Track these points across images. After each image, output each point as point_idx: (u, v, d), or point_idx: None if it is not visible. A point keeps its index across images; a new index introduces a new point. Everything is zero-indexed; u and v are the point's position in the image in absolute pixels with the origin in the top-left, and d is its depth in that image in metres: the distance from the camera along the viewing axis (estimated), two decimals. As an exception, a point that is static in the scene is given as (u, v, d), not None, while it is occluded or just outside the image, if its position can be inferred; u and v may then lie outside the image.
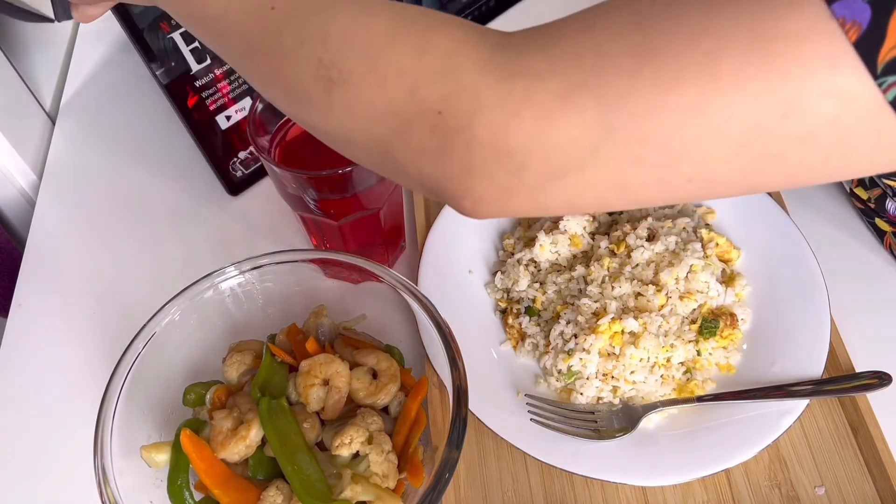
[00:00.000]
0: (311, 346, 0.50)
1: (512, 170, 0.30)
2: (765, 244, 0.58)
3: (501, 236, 0.62)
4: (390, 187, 0.54)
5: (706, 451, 0.48)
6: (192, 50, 0.60)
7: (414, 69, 0.31)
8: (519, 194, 0.31)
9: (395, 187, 0.55)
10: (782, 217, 0.58)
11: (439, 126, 0.30)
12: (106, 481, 0.42)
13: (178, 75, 0.61)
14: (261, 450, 0.46)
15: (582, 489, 0.50)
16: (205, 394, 0.49)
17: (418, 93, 0.31)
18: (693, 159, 0.28)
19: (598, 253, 0.57)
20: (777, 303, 0.55)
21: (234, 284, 0.51)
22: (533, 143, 0.29)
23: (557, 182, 0.30)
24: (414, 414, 0.48)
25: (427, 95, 0.30)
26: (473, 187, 0.31)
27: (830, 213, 0.63)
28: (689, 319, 0.54)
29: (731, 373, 0.53)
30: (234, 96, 0.65)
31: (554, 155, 0.29)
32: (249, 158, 0.67)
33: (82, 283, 0.64)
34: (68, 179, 0.73)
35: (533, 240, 0.58)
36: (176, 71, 0.60)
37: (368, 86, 0.32)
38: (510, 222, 0.63)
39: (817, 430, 0.51)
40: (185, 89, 0.62)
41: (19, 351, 0.61)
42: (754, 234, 0.58)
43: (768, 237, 0.58)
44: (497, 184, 0.31)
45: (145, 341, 0.47)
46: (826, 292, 0.54)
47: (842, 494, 0.49)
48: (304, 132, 0.54)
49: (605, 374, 0.51)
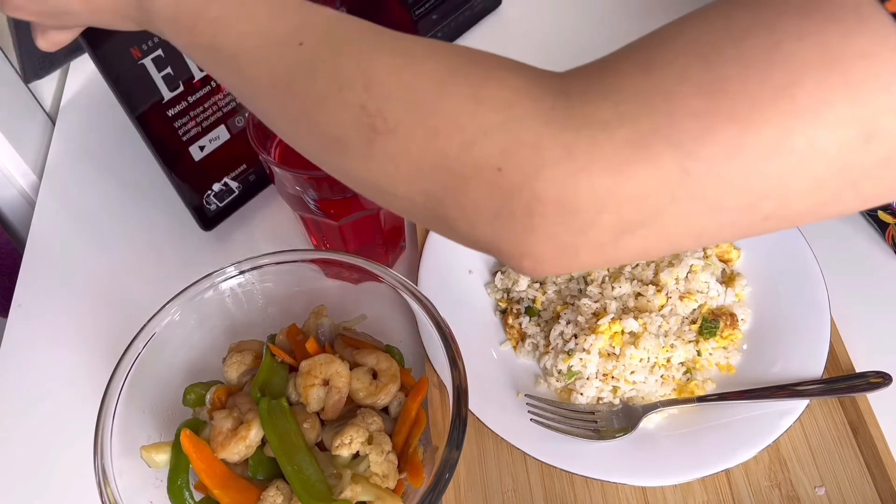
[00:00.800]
0: (311, 346, 0.50)
1: (579, 227, 0.28)
2: (765, 244, 0.58)
3: (501, 236, 0.62)
4: (390, 187, 0.54)
5: (706, 451, 0.48)
6: (165, 77, 0.56)
7: (470, 122, 0.29)
8: (586, 251, 0.29)
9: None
10: (782, 217, 0.58)
11: (498, 184, 0.28)
12: (106, 481, 0.42)
13: (149, 105, 0.56)
14: (261, 450, 0.46)
15: (582, 489, 0.50)
16: (205, 394, 0.49)
17: (475, 148, 0.28)
18: (773, 198, 0.27)
19: (598, 253, 0.57)
20: (777, 303, 0.55)
21: (234, 284, 0.51)
22: (604, 198, 0.27)
23: (629, 235, 0.28)
24: (414, 414, 0.48)
25: (485, 151, 0.28)
26: (534, 247, 0.29)
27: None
28: (689, 319, 0.54)
29: (731, 373, 0.53)
30: (207, 125, 0.61)
31: (627, 208, 0.27)
32: (224, 190, 0.64)
33: (82, 283, 0.64)
34: (68, 179, 0.73)
35: (533, 240, 0.58)
36: (147, 100, 0.56)
37: (418, 138, 0.29)
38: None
39: (817, 430, 0.51)
40: (156, 119, 0.57)
41: (19, 351, 0.61)
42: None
43: (768, 237, 0.58)
44: (561, 242, 0.29)
45: (145, 341, 0.47)
46: (826, 292, 0.54)
47: (842, 494, 0.49)
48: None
49: (605, 375, 0.51)
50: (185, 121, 0.59)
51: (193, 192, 0.62)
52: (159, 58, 0.55)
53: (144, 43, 0.54)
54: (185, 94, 0.58)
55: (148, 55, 0.54)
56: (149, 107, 0.56)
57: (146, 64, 0.55)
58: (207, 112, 0.60)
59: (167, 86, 0.56)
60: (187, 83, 0.58)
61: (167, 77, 0.56)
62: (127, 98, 0.54)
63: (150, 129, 0.57)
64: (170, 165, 0.59)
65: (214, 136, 0.61)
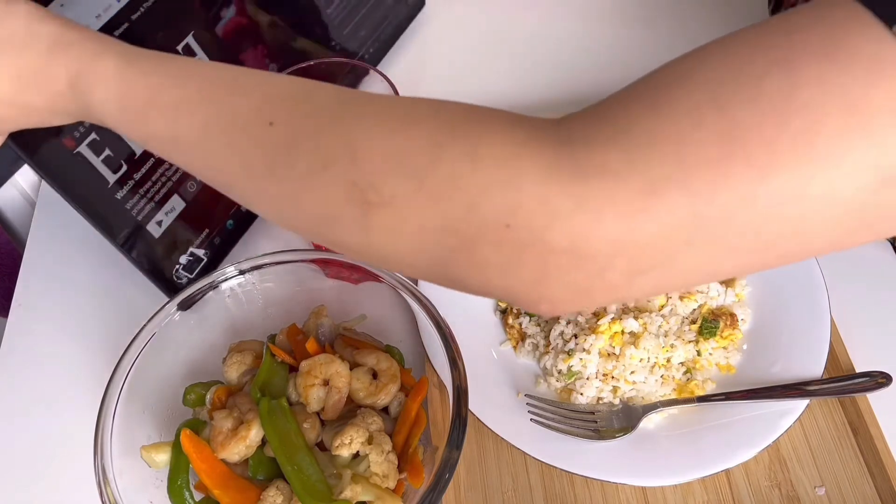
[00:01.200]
0: (311, 346, 0.50)
1: (593, 272, 0.27)
2: (765, 244, 0.58)
3: (501, 236, 0.62)
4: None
5: (706, 451, 0.48)
6: (105, 160, 0.51)
7: (471, 182, 0.27)
8: (600, 292, 0.29)
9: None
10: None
11: (508, 240, 0.27)
12: (106, 481, 0.42)
13: (95, 193, 0.51)
14: (261, 450, 0.46)
15: (582, 489, 0.50)
16: (205, 394, 0.49)
17: (479, 208, 0.27)
18: (788, 240, 0.26)
19: (598, 253, 0.57)
20: (777, 303, 0.55)
21: (234, 284, 0.51)
22: (618, 244, 0.26)
23: (644, 276, 0.28)
24: (414, 414, 0.48)
25: (490, 210, 0.27)
26: (550, 292, 0.29)
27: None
28: (689, 319, 0.54)
29: (731, 373, 0.53)
30: (159, 199, 0.56)
31: (641, 253, 0.27)
32: (192, 260, 0.59)
33: (82, 283, 0.64)
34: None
35: (533, 240, 0.58)
36: (92, 188, 0.51)
37: (417, 206, 0.28)
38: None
39: (817, 430, 0.51)
40: (105, 205, 0.52)
41: (19, 351, 0.61)
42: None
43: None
44: (576, 286, 0.28)
45: (145, 341, 0.47)
46: (826, 292, 0.54)
47: (842, 494, 0.49)
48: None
49: (605, 375, 0.51)
50: (135, 200, 0.54)
51: (162, 269, 0.57)
52: (95, 141, 0.51)
53: (76, 130, 0.50)
54: (130, 173, 0.54)
55: (82, 142, 0.50)
56: (95, 195, 0.52)
57: (83, 151, 0.50)
58: (157, 185, 0.56)
59: (109, 168, 0.52)
60: (129, 161, 0.53)
61: (107, 160, 0.52)
62: (71, 192, 0.50)
63: (103, 219, 0.52)
64: (129, 250, 0.55)
65: (169, 207, 0.57)
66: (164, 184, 0.56)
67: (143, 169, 0.55)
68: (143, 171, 0.55)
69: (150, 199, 0.55)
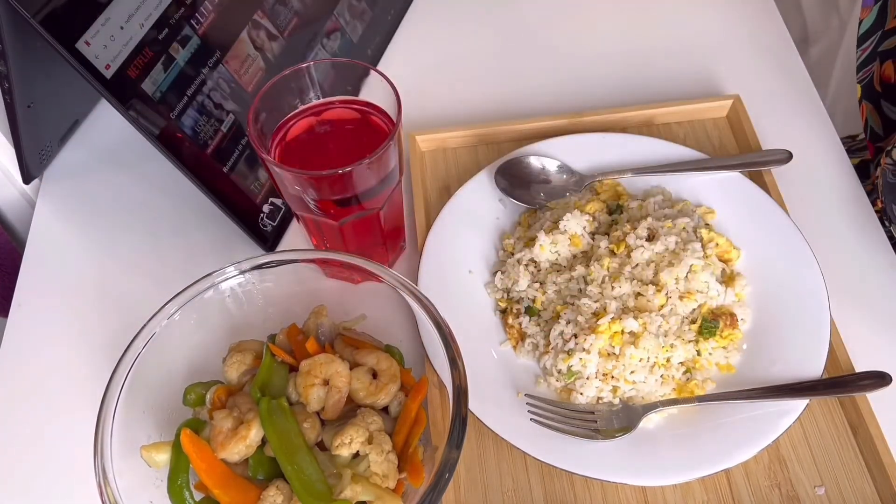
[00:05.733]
0: (311, 346, 0.50)
1: None
2: (765, 244, 0.58)
3: (501, 236, 0.62)
4: (391, 188, 0.54)
5: (706, 451, 0.48)
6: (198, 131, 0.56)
7: None
8: None
9: (396, 188, 0.55)
10: (782, 217, 0.58)
11: None
12: (106, 481, 0.42)
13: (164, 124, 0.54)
14: (261, 450, 0.46)
15: (582, 489, 0.50)
16: (205, 394, 0.49)
17: None
18: None
19: (598, 253, 0.57)
20: (777, 303, 0.55)
21: (234, 284, 0.51)
22: None
23: None
24: (414, 414, 0.48)
25: None
26: None
27: (830, 213, 0.63)
28: (689, 319, 0.54)
29: (731, 373, 0.53)
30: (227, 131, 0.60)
31: None
32: (273, 209, 0.64)
33: (82, 283, 0.64)
34: (68, 179, 0.73)
35: (533, 240, 0.58)
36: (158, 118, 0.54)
37: None
38: (510, 223, 0.63)
39: (817, 430, 0.51)
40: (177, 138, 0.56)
41: (19, 351, 0.61)
42: (754, 234, 0.58)
43: (768, 237, 0.58)
44: None
45: (145, 341, 0.47)
46: (826, 292, 0.54)
47: (842, 494, 0.49)
48: (304, 132, 0.54)
49: (605, 374, 0.51)
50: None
51: (245, 213, 0.62)
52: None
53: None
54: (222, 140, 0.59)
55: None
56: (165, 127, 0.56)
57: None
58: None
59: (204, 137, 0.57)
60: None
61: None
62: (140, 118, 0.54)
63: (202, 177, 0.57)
64: (213, 190, 0.59)
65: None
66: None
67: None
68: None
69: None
